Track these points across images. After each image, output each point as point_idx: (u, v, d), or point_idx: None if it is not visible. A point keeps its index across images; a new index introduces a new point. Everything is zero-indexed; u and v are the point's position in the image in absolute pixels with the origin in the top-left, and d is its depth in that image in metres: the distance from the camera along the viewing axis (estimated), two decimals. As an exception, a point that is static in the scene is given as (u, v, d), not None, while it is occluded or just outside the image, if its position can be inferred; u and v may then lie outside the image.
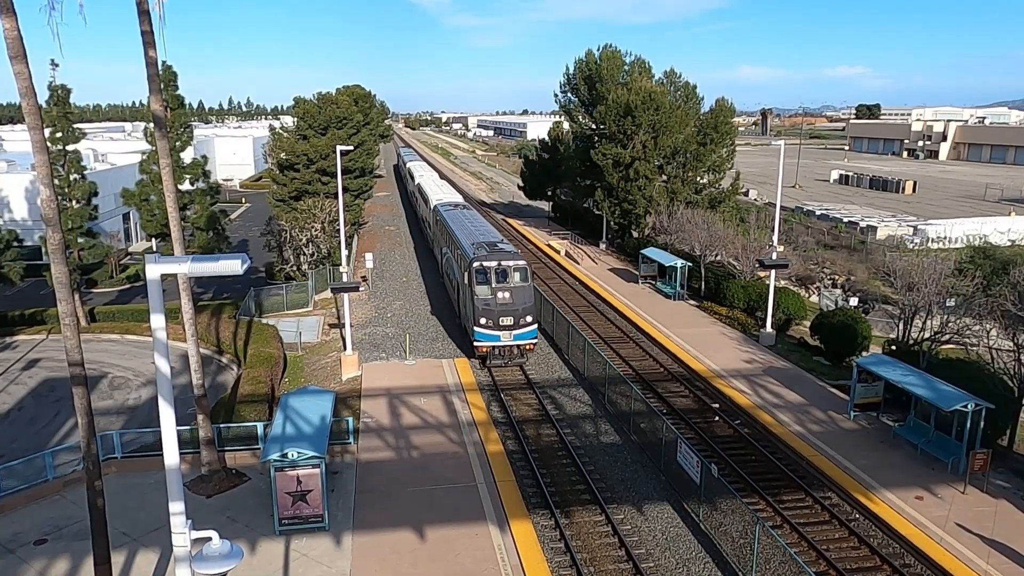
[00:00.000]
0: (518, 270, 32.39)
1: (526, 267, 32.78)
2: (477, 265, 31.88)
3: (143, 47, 20.16)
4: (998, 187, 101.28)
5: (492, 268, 31.87)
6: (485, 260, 32.04)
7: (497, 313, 31.40)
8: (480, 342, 31.72)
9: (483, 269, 31.89)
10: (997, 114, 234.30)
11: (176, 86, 39.13)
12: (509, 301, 31.62)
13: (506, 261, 32.39)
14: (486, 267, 31.92)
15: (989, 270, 40.15)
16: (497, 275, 31.94)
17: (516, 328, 31.54)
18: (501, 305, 31.52)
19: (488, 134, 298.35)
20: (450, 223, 42.30)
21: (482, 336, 31.58)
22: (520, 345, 31.99)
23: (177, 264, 9.43)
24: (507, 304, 31.59)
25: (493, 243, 35.18)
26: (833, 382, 30.48)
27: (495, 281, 31.82)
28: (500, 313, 31.42)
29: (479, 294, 31.59)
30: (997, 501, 21.26)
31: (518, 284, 32.08)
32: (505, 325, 31.43)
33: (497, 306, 31.47)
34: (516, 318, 31.53)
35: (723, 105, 55.00)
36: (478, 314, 31.42)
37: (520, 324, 31.61)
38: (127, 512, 20.24)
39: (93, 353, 33.71)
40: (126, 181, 47.90)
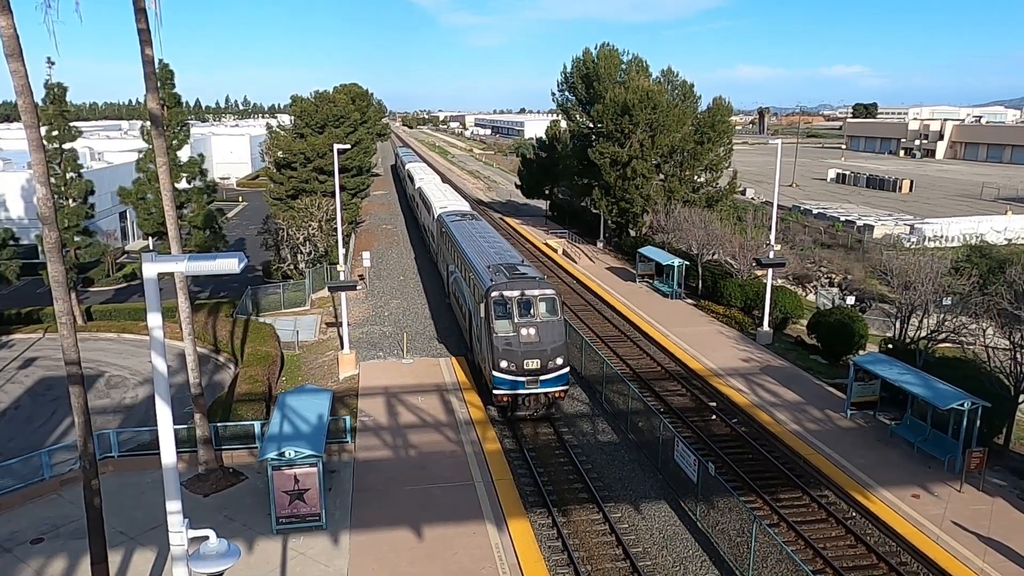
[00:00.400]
0: (545, 300, 27.02)
1: (555, 297, 27.34)
2: (496, 295, 26.69)
3: (140, 45, 20.10)
4: (994, 186, 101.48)
5: (514, 299, 26.67)
6: (505, 289, 26.85)
7: (521, 354, 26.05)
8: (500, 389, 26.24)
9: (503, 300, 26.66)
10: (993, 113, 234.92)
11: (173, 84, 39.03)
12: (535, 340, 26.21)
13: (531, 290, 27.04)
14: (507, 298, 26.69)
15: (985, 269, 40.21)
16: (520, 307, 26.63)
17: (544, 372, 26.08)
18: (526, 344, 26.16)
19: (486, 133, 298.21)
20: (458, 237, 37.27)
21: (502, 382, 26.14)
22: (549, 393, 26.56)
23: (174, 263, 9.41)
24: (533, 343, 26.21)
25: (512, 266, 29.98)
26: (830, 381, 30.53)
27: (518, 315, 26.51)
28: (524, 354, 26.06)
29: (498, 331, 26.27)
30: (993, 499, 21.32)
31: (546, 318, 26.66)
32: (530, 369, 26.01)
33: (521, 346, 26.13)
34: (544, 360, 26.11)
35: (720, 104, 55.01)
36: (497, 355, 26.08)
37: (549, 368, 26.13)
38: (124, 511, 20.21)
39: (90, 352, 33.64)
40: (123, 179, 47.79)
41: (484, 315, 26.94)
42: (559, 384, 26.56)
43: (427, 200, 56.77)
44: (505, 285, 27.16)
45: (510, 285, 27.16)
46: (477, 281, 29.56)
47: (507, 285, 27.15)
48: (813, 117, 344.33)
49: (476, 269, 30.53)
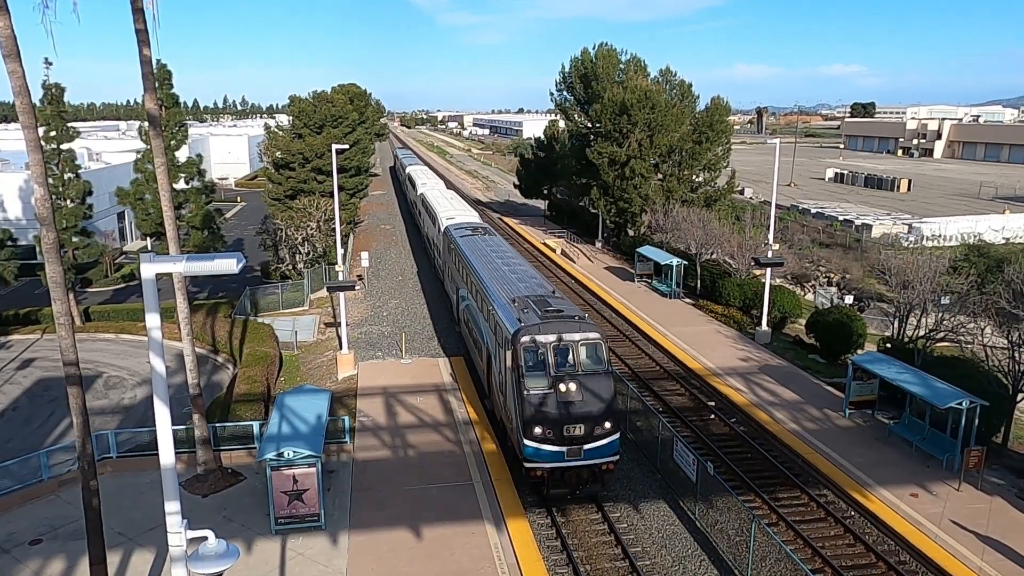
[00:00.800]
0: (589, 346, 21.55)
1: (600, 341, 21.76)
2: (526, 341, 21.24)
3: (137, 45, 20.08)
4: (992, 185, 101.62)
5: (549, 345, 21.18)
6: (538, 332, 21.40)
7: (559, 418, 20.59)
8: (533, 462, 20.79)
9: (535, 347, 21.22)
10: (991, 112, 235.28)
11: (171, 84, 39.00)
12: (578, 399, 20.80)
13: (571, 333, 21.53)
14: (540, 344, 21.18)
15: (983, 268, 40.28)
16: (558, 356, 21.24)
17: (589, 440, 20.72)
18: (566, 404, 20.66)
19: (484, 133, 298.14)
20: (470, 257, 32.23)
21: (536, 453, 20.68)
22: (595, 465, 21.06)
23: (172, 263, 9.40)
24: (575, 403, 20.76)
25: (543, 299, 24.17)
26: (828, 380, 30.56)
27: (555, 366, 21.07)
28: (564, 418, 20.61)
29: (530, 387, 20.85)
30: (992, 498, 21.35)
31: (590, 369, 21.28)
32: (572, 437, 20.62)
33: (559, 406, 20.62)
34: (589, 425, 20.66)
35: (718, 103, 55.02)
36: (529, 418, 20.67)
37: (595, 434, 20.72)
38: (123, 512, 20.19)
39: (88, 353, 33.61)
40: (121, 180, 47.76)
41: (510, 364, 21.42)
42: (607, 453, 20.94)
43: (431, 209, 50.84)
44: (538, 327, 21.59)
45: (544, 327, 21.58)
46: (499, 319, 23.91)
47: (540, 327, 21.59)
48: (811, 117, 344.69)
49: (496, 301, 25.22)
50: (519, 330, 21.67)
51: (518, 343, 21.29)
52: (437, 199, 53.27)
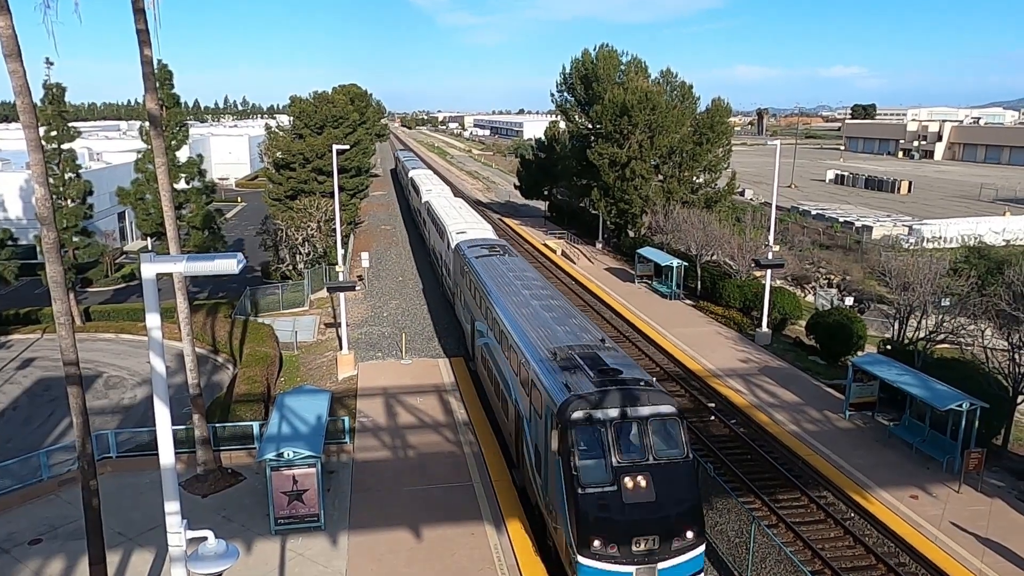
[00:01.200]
0: (662, 423, 16.56)
1: (676, 415, 16.70)
2: (580, 418, 16.12)
3: (138, 45, 20.09)
4: (993, 187, 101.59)
5: (610, 425, 16.16)
6: (595, 407, 16.28)
7: (626, 526, 15.63)
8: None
9: (591, 427, 16.14)
10: (992, 114, 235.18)
11: (171, 85, 39.00)
12: (650, 499, 15.79)
13: (638, 407, 16.48)
14: (598, 422, 16.13)
15: (984, 270, 40.28)
16: (621, 439, 16.26)
17: (666, 556, 15.71)
18: (634, 506, 15.73)
19: (484, 133, 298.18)
20: (489, 285, 27.66)
21: (593, 574, 15.59)
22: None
23: (172, 263, 9.40)
24: (646, 503, 15.78)
25: (592, 352, 19.16)
26: (828, 381, 30.55)
27: (618, 452, 16.08)
28: (633, 526, 15.63)
29: (586, 483, 15.87)
30: (992, 500, 21.34)
31: (664, 456, 16.34)
32: (644, 552, 15.59)
33: (625, 510, 15.71)
34: (666, 535, 15.69)
35: (719, 105, 55.04)
36: (585, 526, 15.66)
37: (673, 547, 15.76)
38: (122, 512, 20.18)
39: (88, 352, 33.61)
40: (121, 180, 47.76)
41: (557, 447, 16.47)
42: (691, 571, 16.09)
43: (439, 221, 45.57)
44: (594, 399, 16.41)
45: (602, 398, 16.44)
46: (536, 379, 18.71)
47: (597, 398, 16.41)
48: (812, 118, 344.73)
49: (530, 354, 20.10)
50: (569, 402, 16.39)
51: (569, 421, 16.03)
52: (445, 209, 48.66)
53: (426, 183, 65.50)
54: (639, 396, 16.75)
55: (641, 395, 16.83)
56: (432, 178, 71.26)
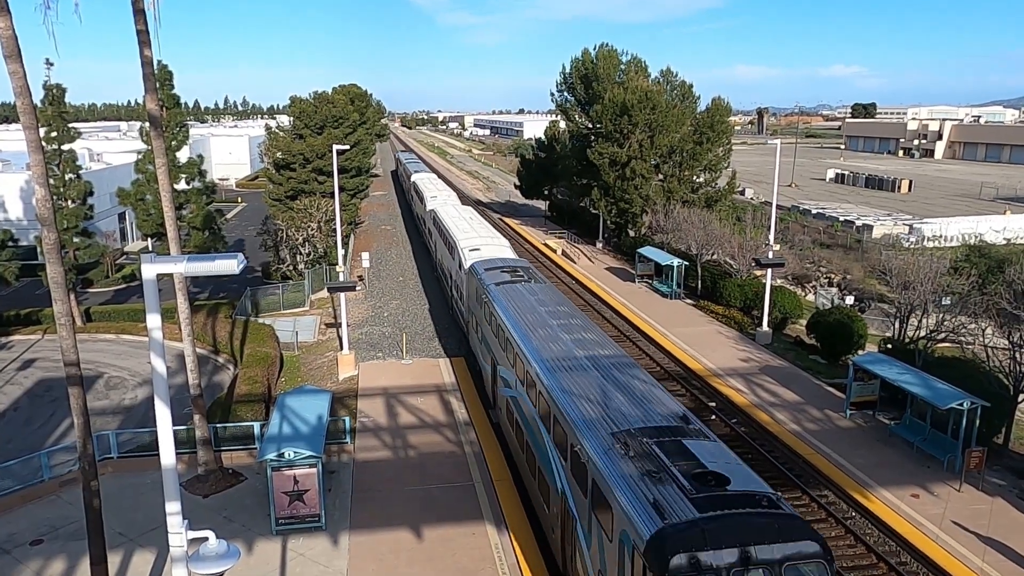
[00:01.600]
0: (799, 567, 11.63)
1: (823, 557, 11.70)
2: (681, 565, 11.35)
3: (138, 46, 20.10)
4: (993, 186, 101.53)
5: (727, 573, 11.37)
6: (702, 545, 11.50)
7: None
8: None
9: (697, 573, 11.30)
10: (992, 113, 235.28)
11: (172, 85, 39.00)
12: None
13: (764, 544, 11.60)
14: (708, 569, 11.36)
15: (984, 268, 40.26)
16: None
17: None
18: None
19: (484, 133, 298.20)
20: (514, 323, 22.87)
21: None
22: None
23: (173, 264, 9.41)
24: None
25: (673, 438, 14.66)
26: (829, 380, 30.54)
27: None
28: None
29: None
30: (992, 499, 21.33)
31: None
32: None
33: None
34: None
35: (719, 104, 55.04)
36: None
37: None
38: (123, 512, 20.20)
39: (89, 353, 33.62)
40: (121, 180, 47.75)
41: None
42: None
43: (448, 234, 40.01)
44: (700, 533, 11.65)
45: (712, 531, 11.68)
46: (602, 482, 13.99)
47: (704, 532, 11.66)
48: (812, 117, 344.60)
49: (587, 441, 15.16)
50: (665, 538, 11.66)
51: (668, 569, 11.28)
52: (454, 220, 42.88)
53: (430, 188, 60.67)
54: (766, 526, 11.79)
55: (768, 524, 11.85)
56: (437, 183, 65.89)
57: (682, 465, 13.41)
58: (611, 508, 13.44)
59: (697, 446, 14.38)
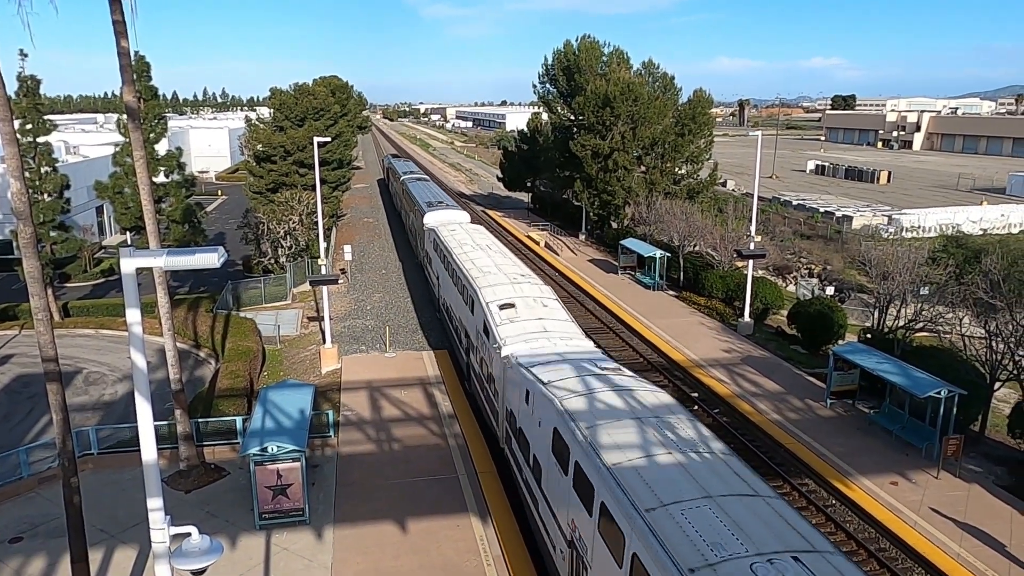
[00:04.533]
0: None
1: None
2: None
3: (115, 37, 19.80)
4: (970, 177, 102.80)
5: None
6: None
7: None
8: None
9: None
10: (969, 105, 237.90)
11: (149, 77, 38.53)
12: None
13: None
14: None
15: (962, 259, 40.74)
16: None
17: None
18: None
19: (467, 125, 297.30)
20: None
21: None
22: None
23: (152, 258, 9.31)
24: None
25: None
26: (810, 370, 30.85)
27: None
28: None
29: None
30: (970, 485, 21.68)
31: None
32: None
33: None
34: None
35: (701, 96, 55.23)
36: None
37: None
38: (104, 508, 20.02)
39: (67, 348, 33.23)
40: (99, 174, 47.15)
41: None
42: None
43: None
44: None
45: None
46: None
47: None
48: (793, 109, 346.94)
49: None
50: None
51: None
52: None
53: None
54: None
55: None
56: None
57: None
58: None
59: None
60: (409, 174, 66.84)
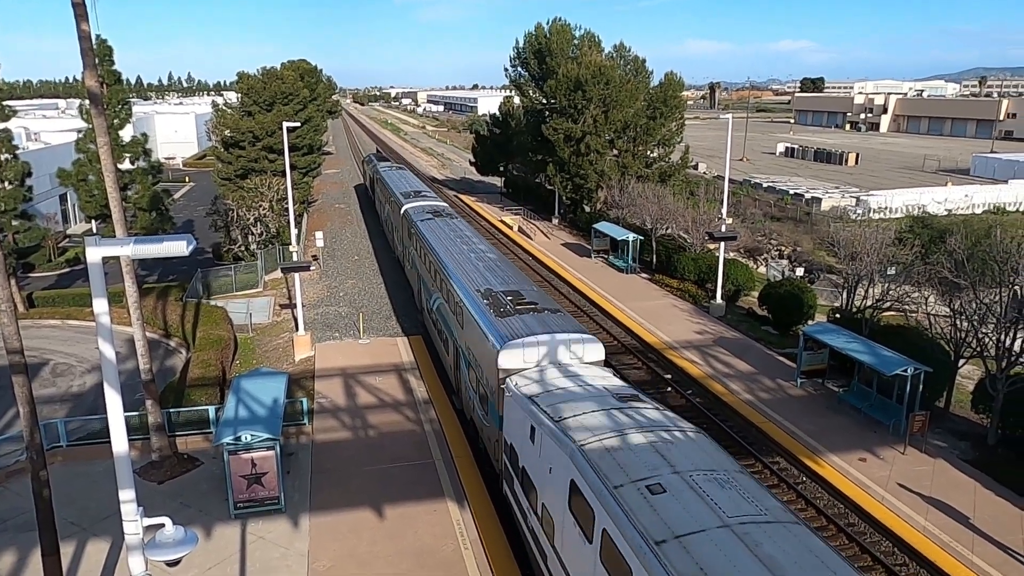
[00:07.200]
0: None
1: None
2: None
3: (75, 20, 19.29)
4: (935, 158, 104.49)
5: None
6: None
7: None
8: None
9: None
10: (934, 87, 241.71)
11: (112, 61, 37.61)
12: None
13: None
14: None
15: (927, 239, 41.57)
16: None
17: None
18: None
19: (438, 109, 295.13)
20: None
21: None
22: None
23: (119, 246, 9.13)
24: None
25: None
26: (781, 351, 31.30)
27: None
28: None
29: None
30: (934, 460, 22.22)
31: None
32: None
33: None
34: None
35: (672, 79, 55.37)
36: None
37: None
38: (75, 501, 19.76)
39: (33, 340, 32.57)
40: (62, 161, 46.05)
41: None
42: None
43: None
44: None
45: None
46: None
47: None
48: (762, 92, 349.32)
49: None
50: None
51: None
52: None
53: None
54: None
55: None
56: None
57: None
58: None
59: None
60: (414, 200, 43.16)
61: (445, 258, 29.14)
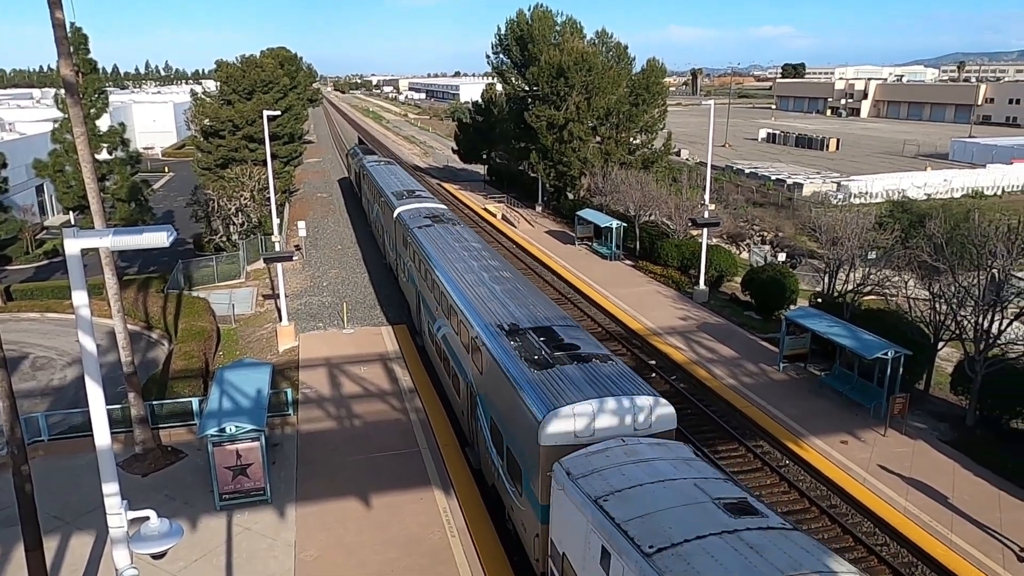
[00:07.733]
0: None
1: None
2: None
3: (49, 7, 18.94)
4: (915, 143, 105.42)
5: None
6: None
7: None
8: None
9: None
10: (914, 72, 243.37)
11: (87, 49, 36.95)
12: None
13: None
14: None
15: (907, 223, 41.83)
16: None
17: None
18: None
19: (420, 97, 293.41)
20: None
21: None
22: None
23: (98, 238, 9.04)
24: None
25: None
26: (763, 335, 31.56)
27: None
28: None
29: None
30: (914, 442, 22.55)
31: None
32: None
33: None
34: None
35: (654, 65, 55.30)
36: None
37: None
38: (58, 495, 19.60)
39: (12, 333, 32.18)
40: (38, 151, 45.34)
41: None
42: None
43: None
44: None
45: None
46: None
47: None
48: (744, 78, 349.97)
49: None
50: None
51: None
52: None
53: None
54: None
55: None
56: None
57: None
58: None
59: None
60: (409, 202, 38.36)
61: (454, 279, 24.47)
